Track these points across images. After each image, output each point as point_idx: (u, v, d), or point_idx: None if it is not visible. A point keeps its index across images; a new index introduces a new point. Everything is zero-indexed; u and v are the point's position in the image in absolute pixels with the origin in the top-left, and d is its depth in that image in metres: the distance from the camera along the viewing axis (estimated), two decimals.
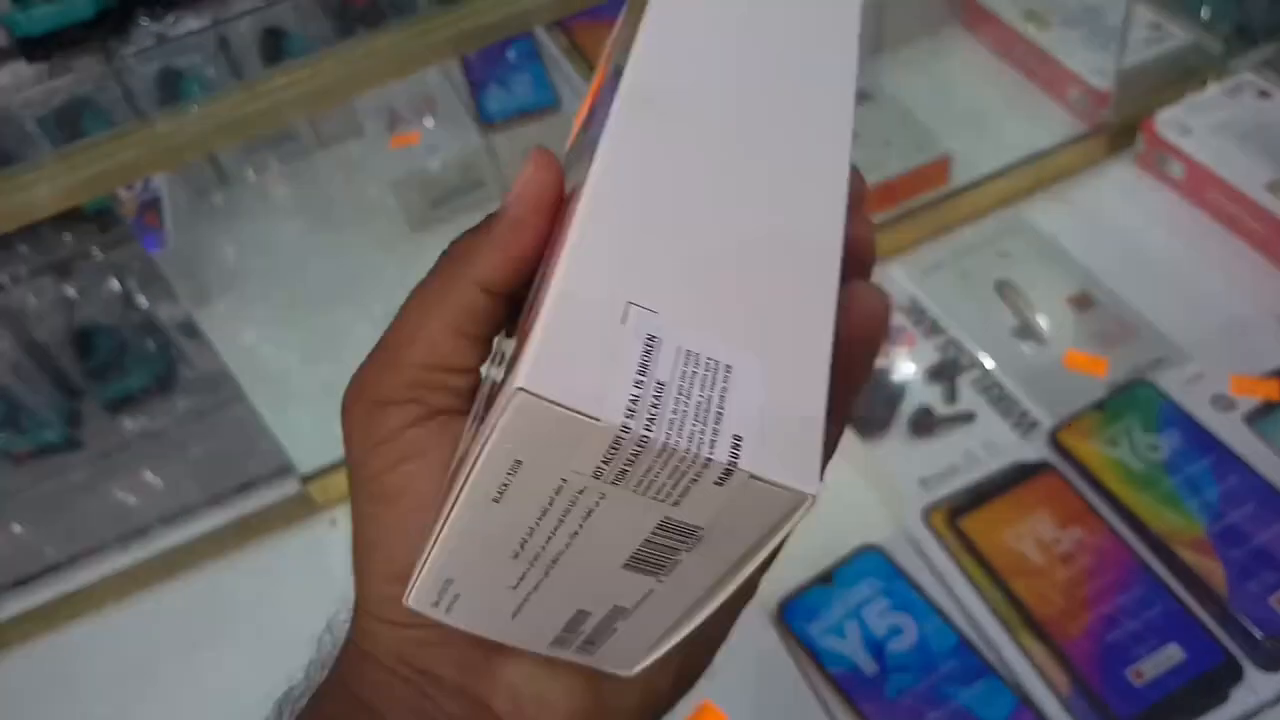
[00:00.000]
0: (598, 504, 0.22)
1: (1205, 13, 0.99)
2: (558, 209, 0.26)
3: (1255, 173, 0.85)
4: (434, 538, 0.24)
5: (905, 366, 0.79)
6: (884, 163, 0.91)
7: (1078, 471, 0.70)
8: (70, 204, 0.68)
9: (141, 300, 0.93)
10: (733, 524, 0.22)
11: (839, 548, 0.68)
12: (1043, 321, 0.81)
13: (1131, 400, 0.72)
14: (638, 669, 0.26)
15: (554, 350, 0.21)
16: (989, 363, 0.78)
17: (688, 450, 0.20)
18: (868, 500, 0.74)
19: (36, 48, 0.89)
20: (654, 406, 0.20)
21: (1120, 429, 0.71)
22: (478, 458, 0.21)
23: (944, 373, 0.78)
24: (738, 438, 0.21)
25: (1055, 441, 0.71)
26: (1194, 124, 0.90)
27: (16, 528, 0.87)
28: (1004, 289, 0.84)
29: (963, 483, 0.70)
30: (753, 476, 0.20)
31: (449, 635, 0.27)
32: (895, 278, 0.85)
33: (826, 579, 0.67)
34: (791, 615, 0.66)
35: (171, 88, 0.93)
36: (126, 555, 0.82)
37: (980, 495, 0.69)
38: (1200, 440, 0.69)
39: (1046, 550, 0.66)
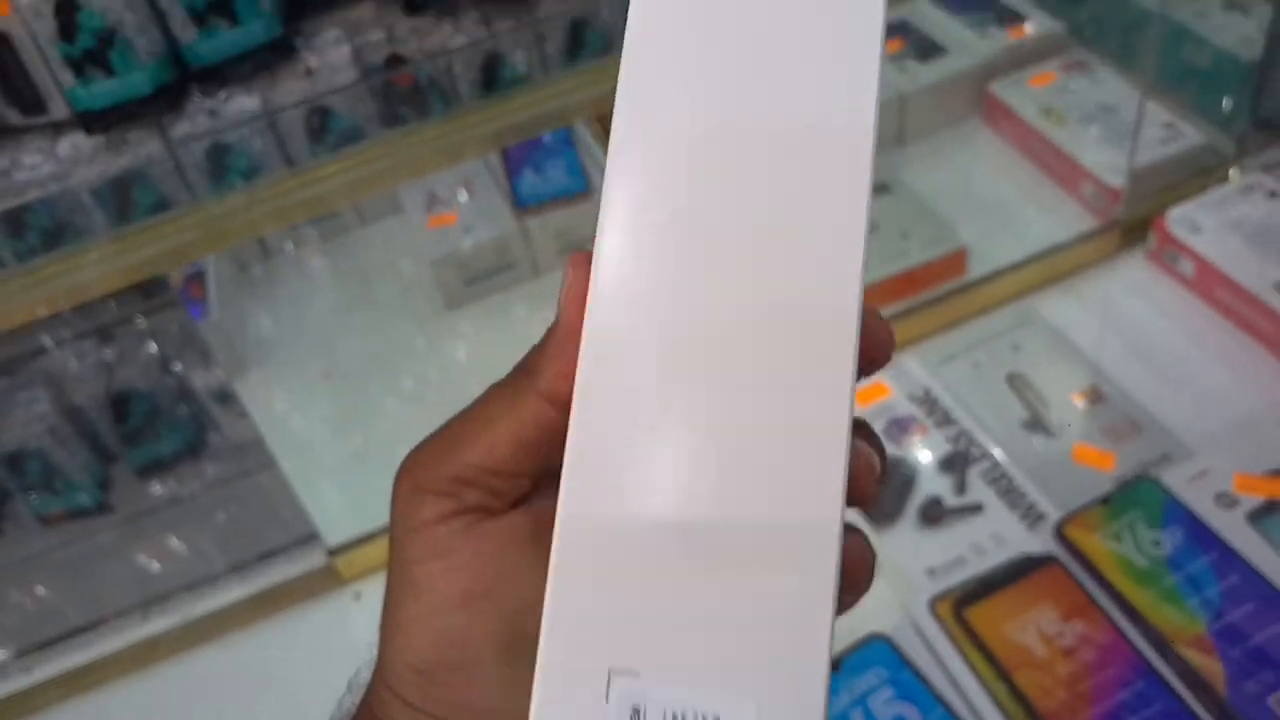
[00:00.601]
0: None
1: (1226, 103, 1.01)
2: None
3: (1264, 272, 0.87)
4: None
5: (917, 456, 0.81)
6: (903, 254, 0.94)
7: (1082, 565, 0.71)
8: (121, 285, 0.71)
9: (177, 366, 0.96)
10: None
11: (847, 634, 0.70)
12: (1053, 415, 0.83)
13: (1136, 496, 0.74)
14: None
15: None
16: (999, 454, 0.80)
17: None
18: (877, 588, 0.75)
19: (96, 121, 0.93)
20: None
21: (1124, 524, 0.72)
22: None
23: (955, 463, 0.80)
24: None
25: (1061, 535, 0.73)
26: (1205, 222, 0.92)
27: (40, 590, 0.89)
28: (1015, 381, 0.86)
29: (970, 573, 0.72)
30: None
31: None
32: (909, 368, 0.87)
33: (834, 665, 0.68)
34: None
35: (219, 161, 0.97)
36: (149, 623, 0.84)
37: (986, 587, 0.71)
38: (1202, 538, 0.71)
39: (1049, 643, 0.68)
